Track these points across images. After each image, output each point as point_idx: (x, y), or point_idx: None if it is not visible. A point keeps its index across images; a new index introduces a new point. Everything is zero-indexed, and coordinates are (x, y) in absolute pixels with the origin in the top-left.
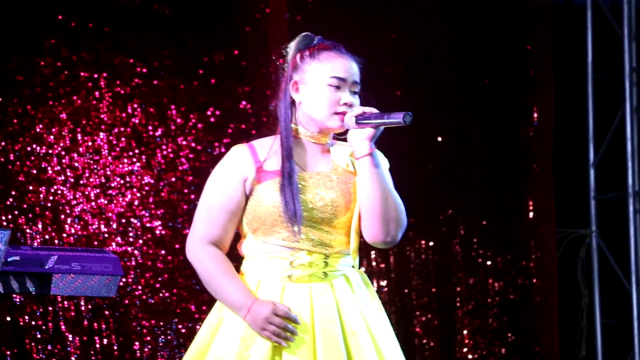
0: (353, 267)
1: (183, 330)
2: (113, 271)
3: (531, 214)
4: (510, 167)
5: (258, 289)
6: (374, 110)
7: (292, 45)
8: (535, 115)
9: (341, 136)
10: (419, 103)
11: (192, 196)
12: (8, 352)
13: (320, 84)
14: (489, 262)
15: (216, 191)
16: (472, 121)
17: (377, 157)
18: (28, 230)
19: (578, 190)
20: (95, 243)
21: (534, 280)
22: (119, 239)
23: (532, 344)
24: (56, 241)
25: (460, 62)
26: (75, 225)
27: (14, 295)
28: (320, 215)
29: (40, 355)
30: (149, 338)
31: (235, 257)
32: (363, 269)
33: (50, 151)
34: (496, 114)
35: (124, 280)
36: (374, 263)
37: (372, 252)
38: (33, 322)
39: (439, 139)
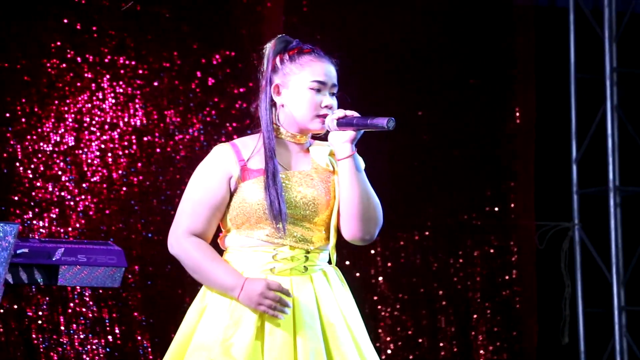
0: (329, 262)
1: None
2: (117, 263)
3: (513, 208)
4: (494, 163)
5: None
6: (355, 114)
7: (268, 47)
8: (518, 113)
9: (318, 136)
10: (407, 102)
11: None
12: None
13: (301, 87)
14: (475, 253)
15: (201, 187)
16: (457, 119)
17: (357, 159)
18: (35, 224)
19: (561, 185)
20: (102, 235)
21: (514, 271)
22: (124, 233)
23: (511, 330)
24: (62, 235)
25: (447, 63)
26: (81, 220)
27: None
28: (303, 212)
29: (45, 344)
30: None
31: (216, 250)
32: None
33: (56, 149)
34: (481, 113)
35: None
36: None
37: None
38: (40, 312)
39: (425, 137)
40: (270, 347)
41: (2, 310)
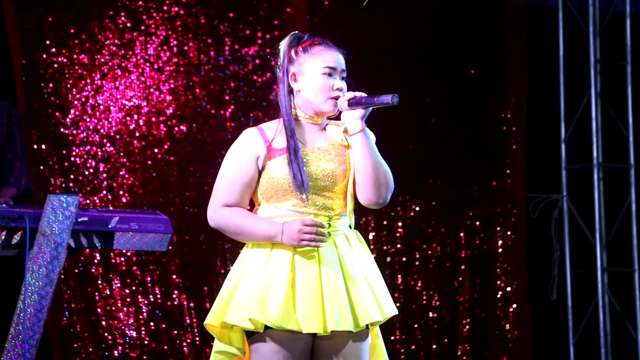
0: (350, 226)
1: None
2: (165, 229)
3: (509, 182)
4: (492, 143)
5: (273, 244)
6: (363, 94)
7: (283, 43)
8: (512, 100)
9: (333, 116)
10: (417, 90)
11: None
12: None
13: (315, 73)
14: (476, 221)
15: (233, 166)
16: (460, 105)
17: (368, 133)
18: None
19: (552, 162)
20: (145, 208)
21: (509, 235)
22: (164, 206)
23: (505, 287)
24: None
25: (450, 56)
26: (127, 196)
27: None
28: (323, 183)
29: (102, 302)
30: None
31: None
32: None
33: (106, 135)
34: (480, 99)
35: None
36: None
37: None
38: (97, 275)
39: (432, 120)
40: (301, 304)
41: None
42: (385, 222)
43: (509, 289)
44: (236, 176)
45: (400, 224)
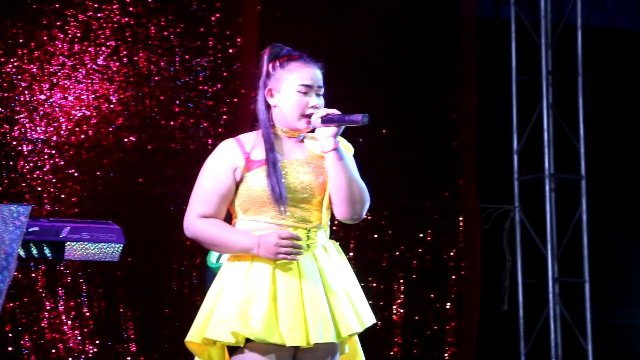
0: (329, 238)
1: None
2: (117, 240)
3: (460, 193)
4: (444, 154)
5: (253, 257)
6: (336, 112)
7: (264, 55)
8: (463, 110)
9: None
10: (368, 101)
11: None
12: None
13: (290, 90)
14: (429, 232)
15: (210, 178)
16: (412, 116)
17: (341, 151)
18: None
19: (504, 172)
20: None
21: (461, 247)
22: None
23: (458, 299)
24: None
25: (402, 66)
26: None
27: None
28: (301, 195)
29: (47, 314)
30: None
31: None
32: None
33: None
34: (432, 110)
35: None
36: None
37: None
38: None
39: (384, 131)
40: (284, 317)
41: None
42: (336, 230)
43: (461, 299)
44: (213, 188)
45: (352, 234)
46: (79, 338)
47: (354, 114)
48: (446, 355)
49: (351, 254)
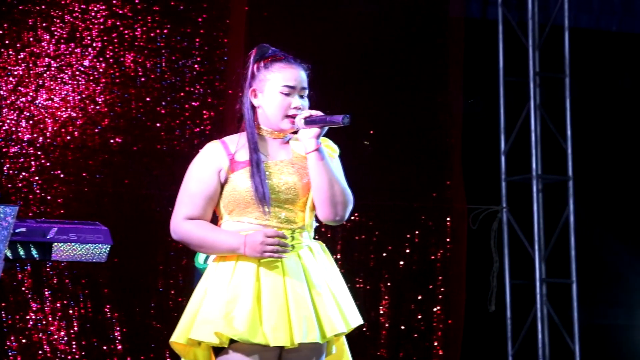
0: (315, 238)
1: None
2: (104, 240)
3: (448, 194)
4: (431, 154)
5: (238, 258)
6: (319, 113)
7: (250, 56)
8: (450, 111)
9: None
10: (355, 102)
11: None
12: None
13: (273, 92)
14: (417, 233)
15: (196, 180)
16: (399, 116)
17: (323, 151)
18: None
19: (491, 173)
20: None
21: (448, 247)
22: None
23: (444, 299)
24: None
25: (389, 67)
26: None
27: None
28: (285, 196)
29: (33, 315)
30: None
31: None
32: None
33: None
34: (419, 110)
35: None
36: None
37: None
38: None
39: (371, 132)
40: (268, 317)
41: None
42: (324, 231)
43: (447, 299)
44: (199, 189)
45: (339, 234)
46: (65, 339)
47: (335, 115)
48: (433, 356)
49: (338, 254)
